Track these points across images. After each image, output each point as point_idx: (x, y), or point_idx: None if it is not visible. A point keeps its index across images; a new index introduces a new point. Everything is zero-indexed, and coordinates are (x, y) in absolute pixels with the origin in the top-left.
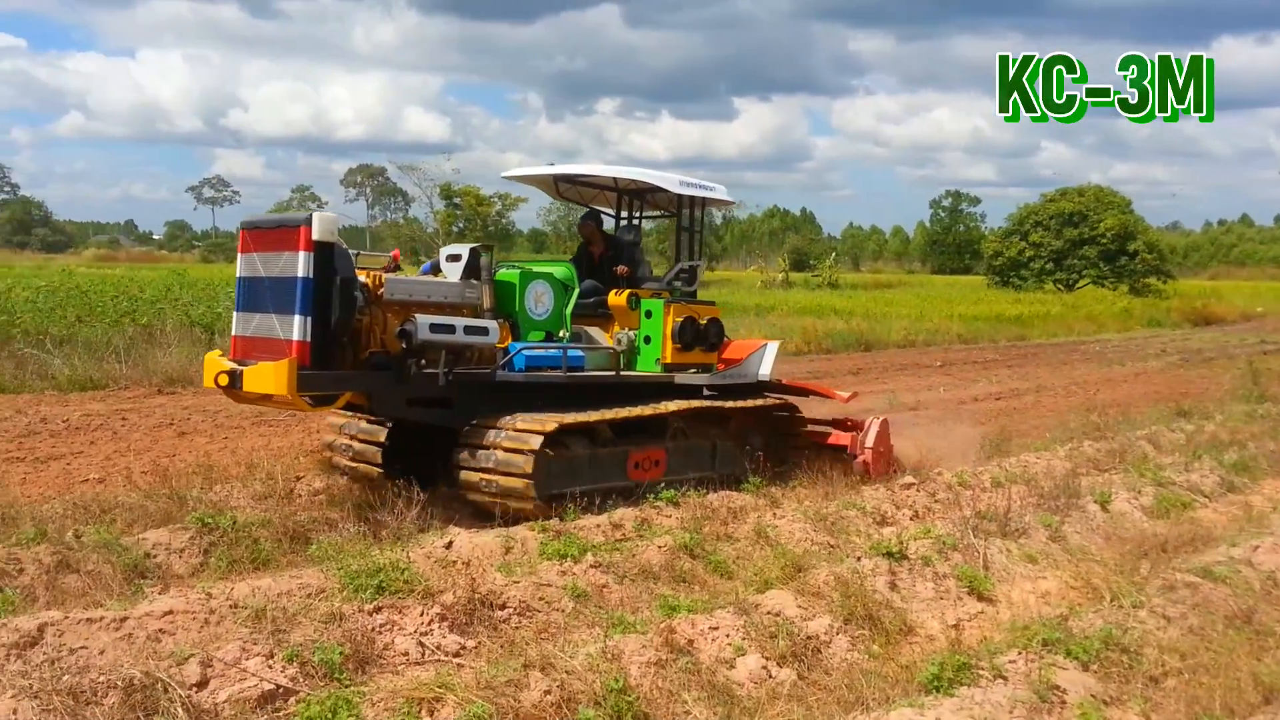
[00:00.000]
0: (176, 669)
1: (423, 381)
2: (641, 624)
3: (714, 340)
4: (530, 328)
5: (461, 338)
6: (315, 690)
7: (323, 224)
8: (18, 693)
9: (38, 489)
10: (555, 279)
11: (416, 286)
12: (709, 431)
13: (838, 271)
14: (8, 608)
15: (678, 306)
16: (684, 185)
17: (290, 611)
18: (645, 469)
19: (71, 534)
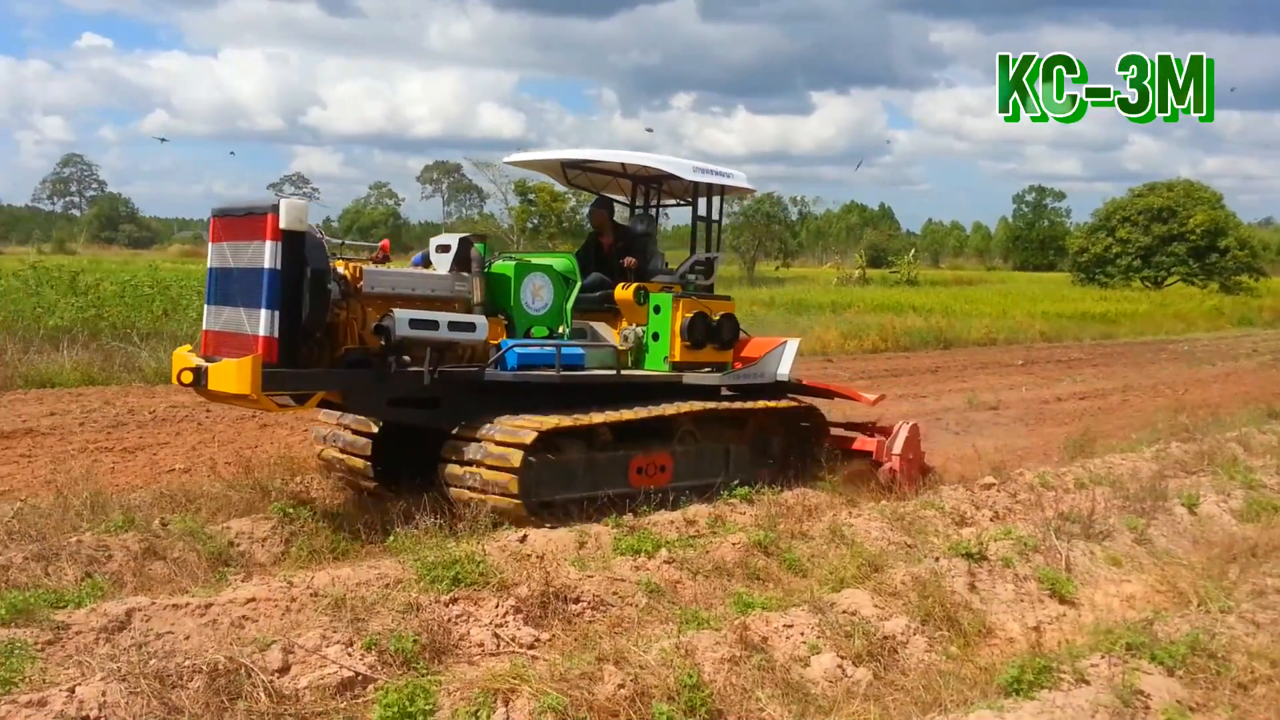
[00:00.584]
0: (259, 655)
1: (404, 381)
2: (715, 620)
3: (728, 338)
4: (527, 323)
5: (445, 334)
6: (393, 678)
7: (291, 211)
8: (107, 675)
9: (125, 478)
10: (555, 271)
11: (400, 279)
12: (722, 435)
13: (917, 268)
14: (97, 593)
15: (687, 301)
16: (698, 171)
17: (369, 601)
18: (650, 475)
19: (158, 522)
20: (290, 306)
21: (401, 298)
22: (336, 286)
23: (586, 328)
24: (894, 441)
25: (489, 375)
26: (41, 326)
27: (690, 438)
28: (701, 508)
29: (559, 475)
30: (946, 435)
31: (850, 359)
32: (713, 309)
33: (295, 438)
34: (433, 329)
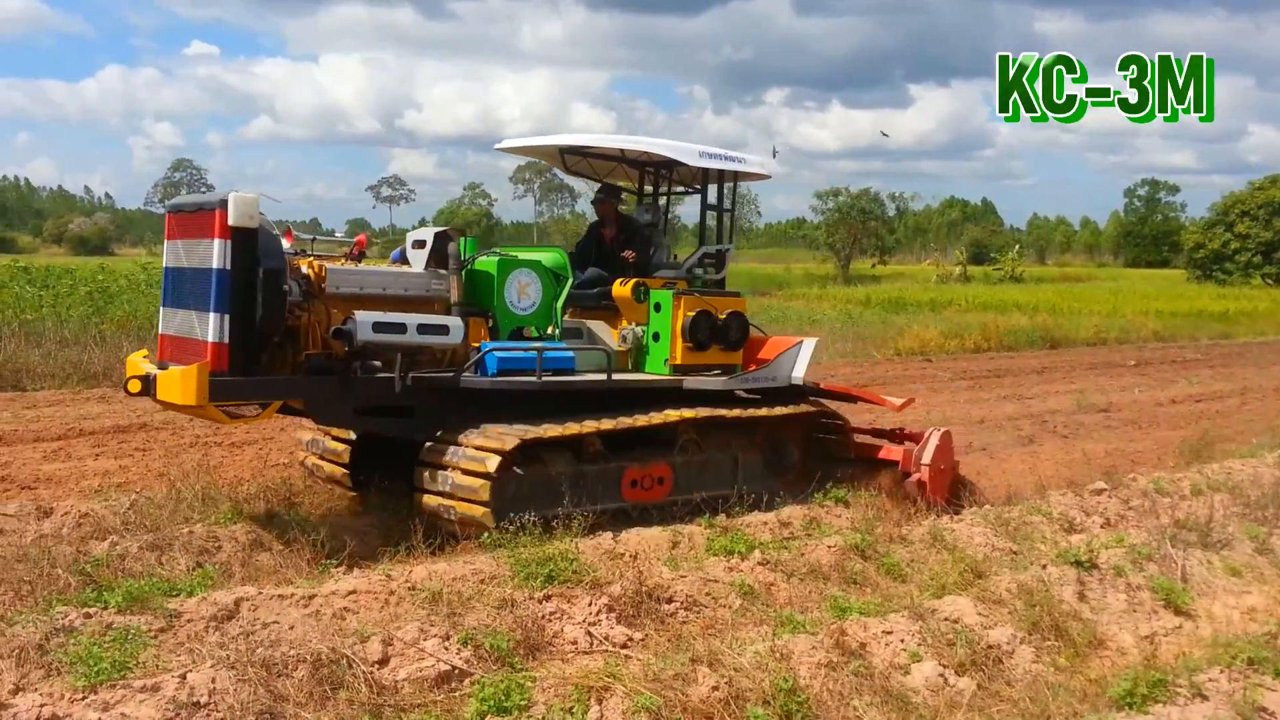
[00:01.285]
0: (360, 646)
1: (373, 388)
2: (811, 624)
3: (735, 338)
4: (512, 323)
5: (414, 338)
6: (488, 673)
7: (240, 206)
8: (216, 663)
9: (234, 471)
10: (543, 267)
11: (368, 278)
12: (730, 444)
13: (1021, 265)
14: (207, 582)
15: (689, 299)
16: (704, 157)
17: (465, 596)
18: (646, 488)
19: (265, 514)
20: (242, 309)
21: (371, 298)
22: (296, 286)
23: (582, 327)
24: (923, 450)
25: (465, 381)
26: (153, 325)
27: (693, 447)
28: (796, 509)
29: (540, 490)
30: (1054, 439)
31: (950, 359)
32: (718, 306)
33: None
34: (399, 332)
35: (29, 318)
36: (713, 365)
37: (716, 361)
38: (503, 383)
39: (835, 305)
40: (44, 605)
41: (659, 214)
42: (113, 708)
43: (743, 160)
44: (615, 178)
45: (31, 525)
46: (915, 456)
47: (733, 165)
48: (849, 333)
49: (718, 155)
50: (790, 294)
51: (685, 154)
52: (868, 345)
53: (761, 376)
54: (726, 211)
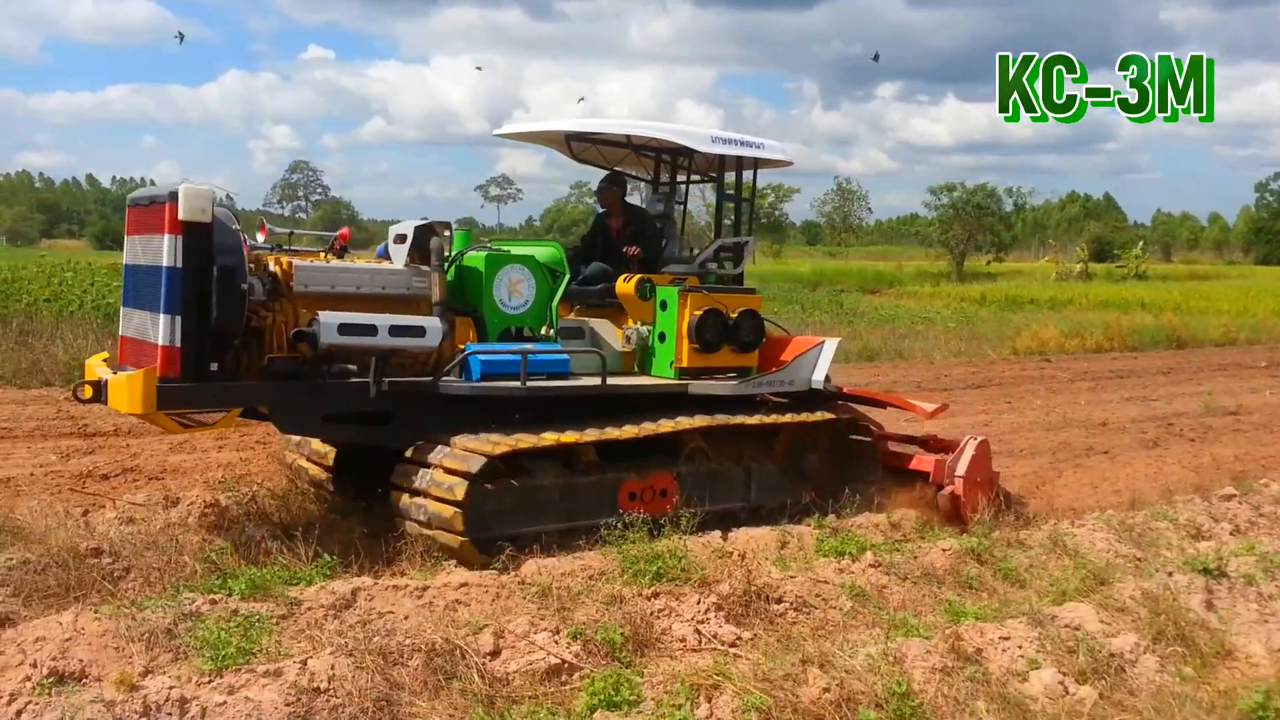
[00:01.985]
0: (472, 638)
1: (343, 394)
2: (925, 628)
3: (749, 339)
4: (503, 324)
5: (385, 340)
6: (598, 668)
7: (191, 199)
8: (335, 650)
9: None
10: (536, 263)
11: (341, 275)
12: (742, 454)
13: (1146, 262)
14: (325, 572)
15: (696, 296)
16: (716, 142)
17: (573, 591)
18: (646, 501)
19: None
20: (195, 310)
21: (344, 297)
22: (259, 284)
23: (584, 327)
24: (957, 461)
25: (444, 387)
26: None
27: (700, 457)
28: (909, 510)
29: (526, 505)
30: (1180, 442)
31: (1070, 359)
32: (729, 305)
33: None
34: (369, 335)
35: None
36: (724, 368)
37: (728, 364)
38: (484, 388)
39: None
40: (172, 591)
41: (672, 204)
42: (238, 691)
43: (761, 145)
44: (628, 166)
45: (159, 514)
46: (949, 467)
47: (750, 151)
48: (963, 331)
49: (733, 140)
50: (901, 292)
51: (696, 139)
52: (983, 344)
53: (777, 380)
54: (745, 201)
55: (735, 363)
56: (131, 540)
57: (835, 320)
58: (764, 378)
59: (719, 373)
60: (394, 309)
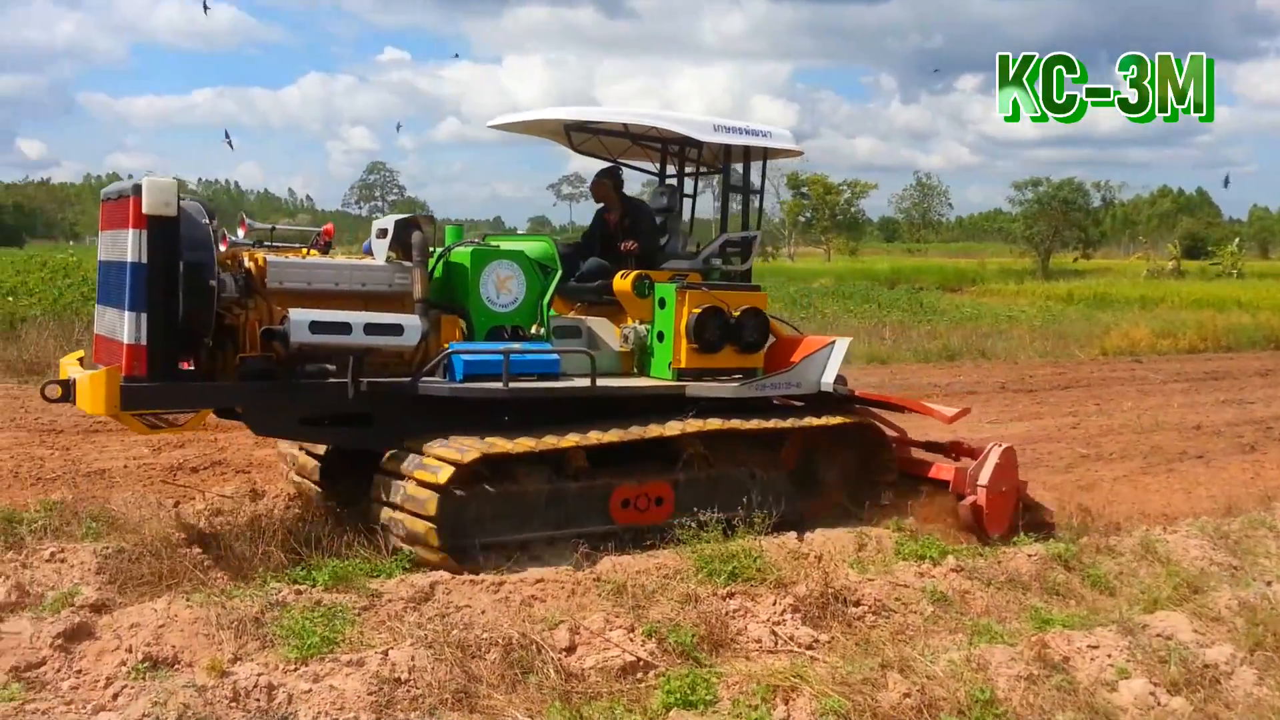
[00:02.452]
0: (548, 633)
1: (321, 395)
2: (1009, 635)
3: (752, 338)
4: (490, 322)
5: (360, 339)
6: (673, 666)
7: (155, 193)
8: (415, 642)
9: None
10: (526, 259)
11: (318, 271)
12: (747, 459)
13: (1243, 259)
14: (405, 564)
15: (696, 294)
16: (720, 131)
17: (648, 589)
18: (640, 509)
19: None
20: (163, 307)
21: (321, 294)
22: (232, 281)
23: (581, 326)
24: (980, 469)
25: (423, 388)
26: None
27: (701, 462)
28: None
29: (510, 511)
30: (1278, 446)
31: (1162, 359)
32: (731, 303)
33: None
34: (343, 333)
35: None
36: (726, 369)
37: (730, 365)
38: (464, 390)
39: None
40: (260, 581)
41: (676, 198)
42: (322, 679)
43: (768, 134)
44: (633, 159)
45: (246, 506)
46: (970, 476)
47: (756, 140)
48: (1049, 330)
49: (738, 129)
50: (984, 289)
51: (698, 128)
52: (1069, 344)
53: (782, 382)
54: (754, 193)
55: (738, 364)
56: (220, 531)
57: (915, 319)
58: (768, 380)
59: (720, 374)
60: (376, 306)
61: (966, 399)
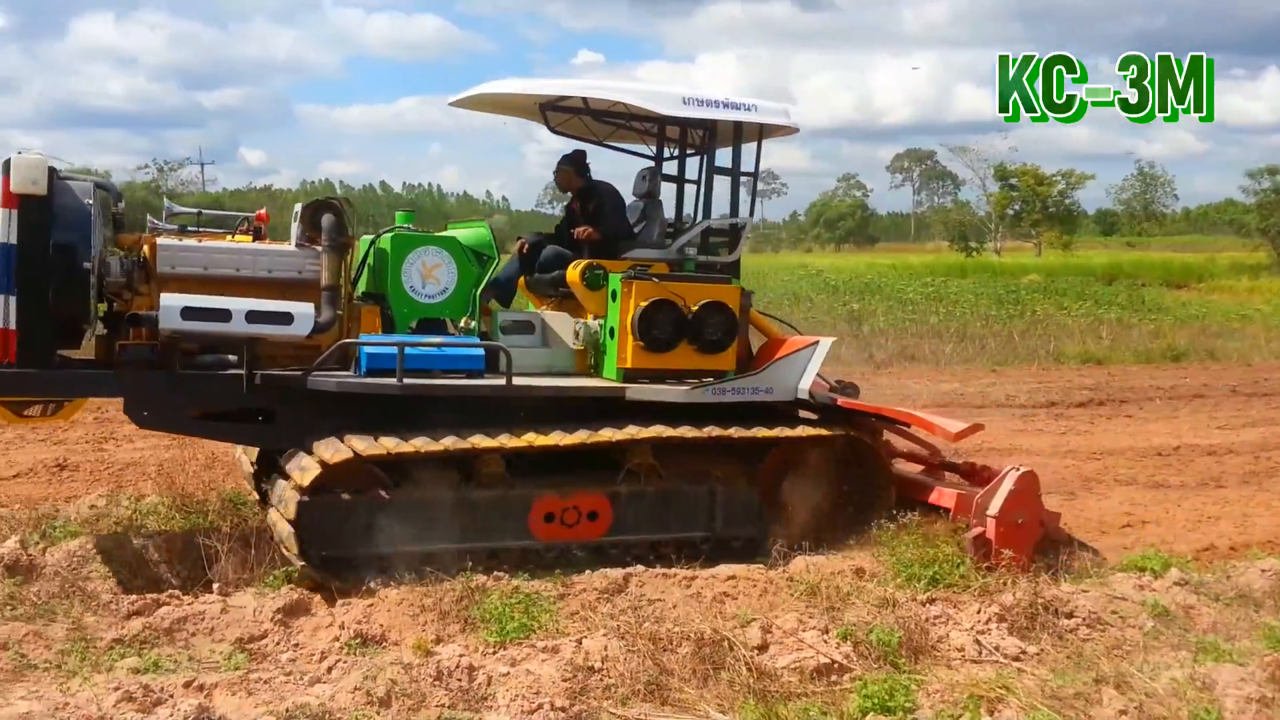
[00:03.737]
0: (740, 630)
1: (213, 388)
2: (1239, 654)
3: (715, 336)
4: (415, 313)
5: (242, 327)
6: (869, 670)
7: (24, 170)
8: (608, 632)
9: None
10: (459, 246)
11: (217, 256)
12: (707, 472)
13: None
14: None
15: (644, 285)
16: (690, 104)
17: (843, 591)
18: (568, 524)
19: None
20: (36, 290)
21: (220, 280)
22: (119, 265)
23: (535, 321)
24: (991, 496)
25: (312, 382)
26: None
27: (650, 474)
28: (1224, 525)
29: (402, 521)
30: None
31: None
32: (687, 296)
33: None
34: (221, 320)
35: None
36: (681, 371)
37: (687, 366)
38: (354, 385)
39: (1270, 299)
40: (460, 566)
41: (656, 181)
42: (519, 663)
43: (753, 108)
44: (619, 139)
45: None
46: (979, 504)
47: (736, 115)
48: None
49: (713, 102)
50: (1213, 286)
51: (661, 101)
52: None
53: (748, 387)
54: (746, 176)
55: (698, 365)
56: None
57: (1136, 317)
58: (731, 384)
59: (674, 376)
60: (287, 294)
61: (1193, 403)
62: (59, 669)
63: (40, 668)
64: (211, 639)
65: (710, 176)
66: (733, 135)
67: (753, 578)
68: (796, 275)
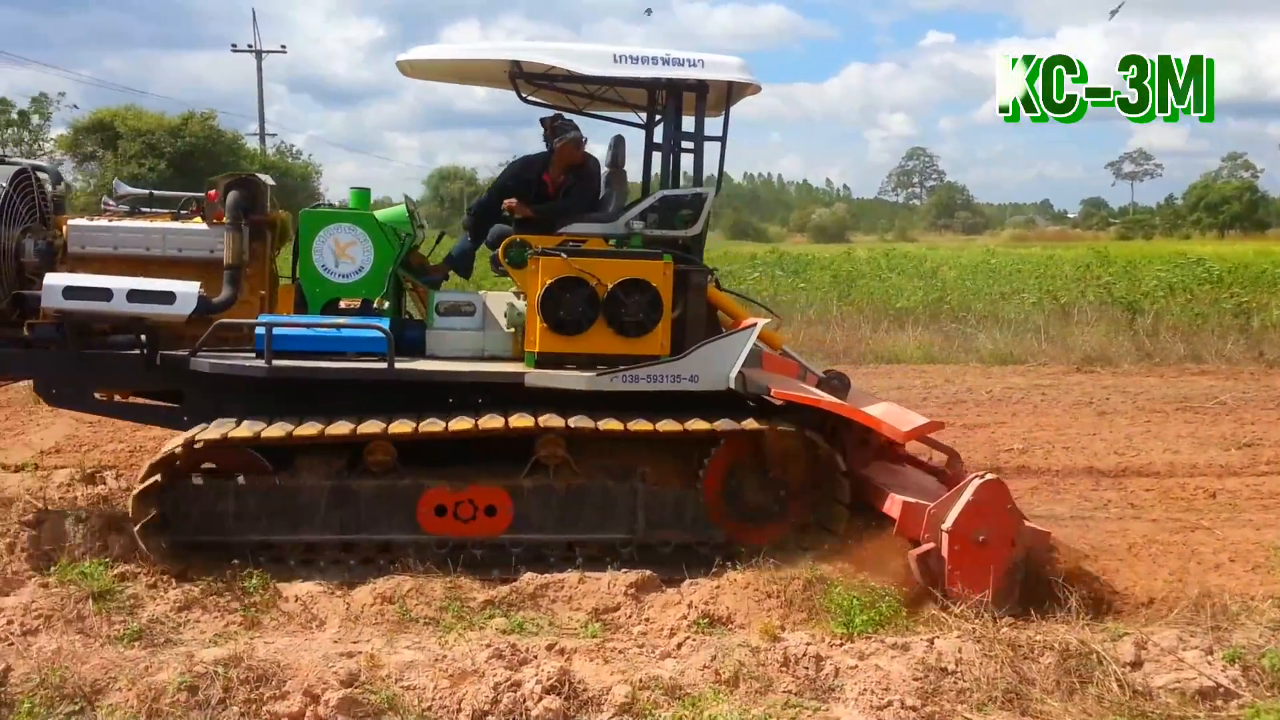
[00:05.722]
0: (1111, 644)
1: (117, 367)
2: None
3: (634, 318)
4: (327, 293)
5: (123, 306)
6: (1262, 698)
7: None
8: (962, 634)
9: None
10: (374, 223)
11: (127, 236)
12: (631, 467)
13: None
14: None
15: (551, 262)
16: (622, 62)
17: (1231, 611)
18: (462, 518)
19: None
20: None
21: (131, 260)
22: (31, 246)
23: (476, 302)
24: (946, 509)
25: (194, 363)
26: (889, 308)
27: (561, 467)
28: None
29: (274, 510)
30: None
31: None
32: (602, 273)
33: (1136, 428)
34: (102, 299)
35: (783, 299)
36: (596, 355)
37: (607, 351)
38: (224, 367)
39: None
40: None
41: (621, 150)
42: (868, 658)
43: (699, 63)
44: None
45: None
46: (930, 517)
47: (678, 72)
48: None
49: (648, 59)
50: None
51: (588, 60)
52: None
53: (666, 374)
54: (714, 140)
55: (619, 349)
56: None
57: None
58: (646, 370)
59: (592, 361)
60: (197, 274)
61: None
62: (437, 624)
63: (420, 621)
64: (570, 607)
65: (674, 141)
66: (695, 97)
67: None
68: (1172, 264)
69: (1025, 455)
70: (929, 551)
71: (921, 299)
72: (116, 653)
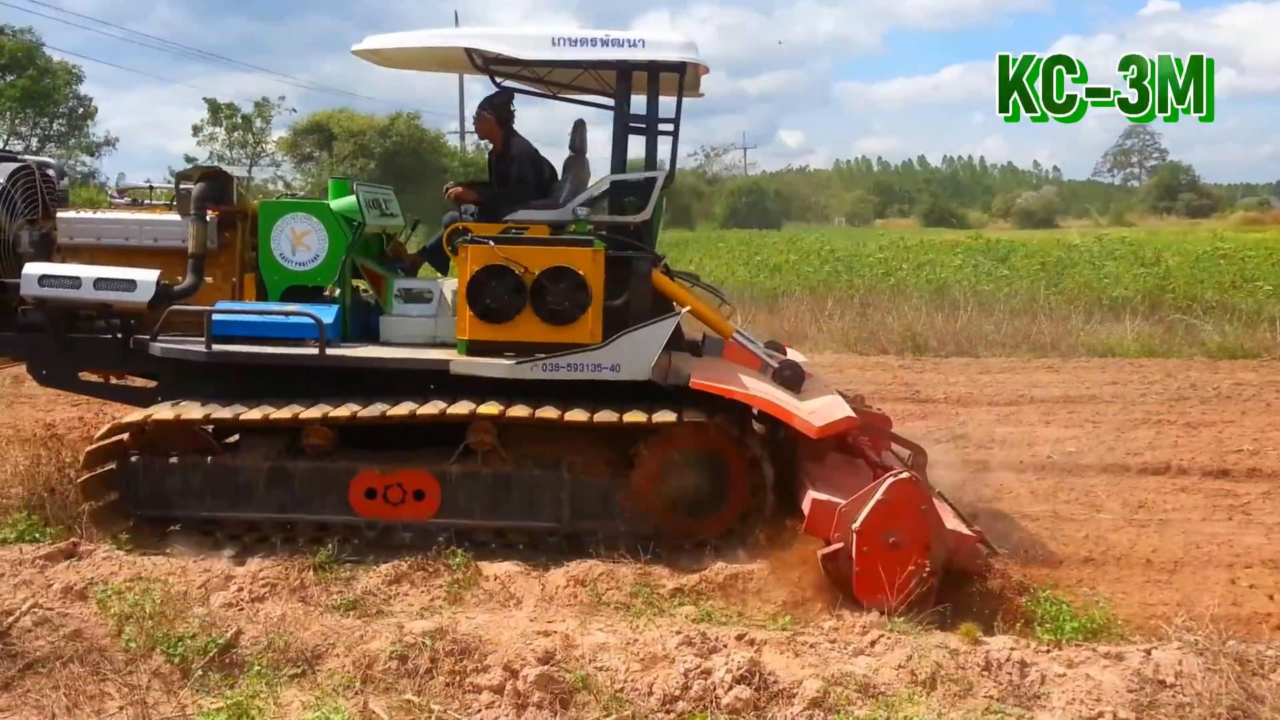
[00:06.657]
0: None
1: (97, 351)
2: None
3: (560, 306)
4: (285, 281)
5: (90, 294)
6: None
7: None
8: (1183, 646)
9: (1189, 454)
10: (329, 213)
11: (107, 227)
12: (560, 455)
13: None
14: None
15: (478, 249)
16: (560, 45)
17: None
18: (391, 501)
19: None
20: None
21: (113, 250)
22: (27, 237)
23: (435, 289)
24: (856, 507)
25: (152, 348)
26: (1104, 297)
27: (489, 455)
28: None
29: (218, 487)
30: None
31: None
32: (528, 261)
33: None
34: (71, 287)
35: (984, 288)
36: (524, 344)
37: (536, 339)
38: (174, 351)
39: None
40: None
41: (582, 135)
42: (1077, 666)
43: (640, 44)
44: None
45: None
46: (840, 515)
47: (619, 53)
48: None
49: (587, 40)
50: None
51: (523, 44)
52: None
53: (585, 363)
54: (666, 124)
55: (548, 337)
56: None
57: None
58: (565, 359)
59: (522, 349)
60: (174, 263)
61: None
62: (627, 609)
63: (611, 605)
64: (760, 599)
65: (622, 126)
66: (645, 78)
67: None
68: None
69: (1257, 457)
70: (837, 551)
71: (1141, 288)
72: (334, 620)
